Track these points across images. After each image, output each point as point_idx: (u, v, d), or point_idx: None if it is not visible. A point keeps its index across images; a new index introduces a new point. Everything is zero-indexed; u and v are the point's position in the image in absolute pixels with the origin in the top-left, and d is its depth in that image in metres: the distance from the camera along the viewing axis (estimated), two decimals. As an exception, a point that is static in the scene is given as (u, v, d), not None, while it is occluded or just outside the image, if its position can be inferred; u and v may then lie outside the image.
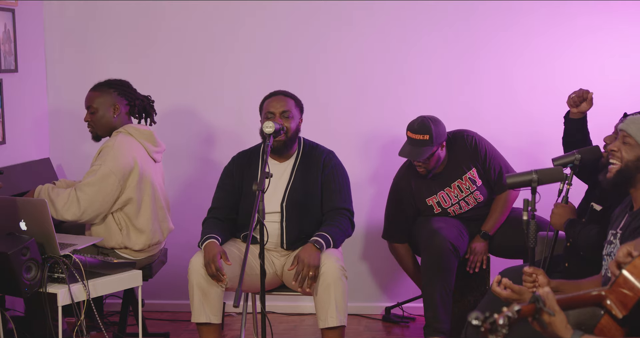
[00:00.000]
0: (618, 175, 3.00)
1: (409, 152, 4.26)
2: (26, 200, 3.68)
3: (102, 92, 4.12)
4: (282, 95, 3.98)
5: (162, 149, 4.23)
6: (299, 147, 4.02)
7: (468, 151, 4.35)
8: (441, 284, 4.17)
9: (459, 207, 4.41)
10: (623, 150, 2.98)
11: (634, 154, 2.96)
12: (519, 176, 3.39)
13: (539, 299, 2.39)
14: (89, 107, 4.13)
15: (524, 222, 3.27)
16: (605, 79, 4.74)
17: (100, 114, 4.10)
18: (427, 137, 4.21)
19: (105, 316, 4.70)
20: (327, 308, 3.69)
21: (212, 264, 3.63)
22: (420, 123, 4.24)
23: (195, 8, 4.94)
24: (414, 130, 4.23)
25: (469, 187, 4.38)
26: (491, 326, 2.23)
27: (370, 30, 4.88)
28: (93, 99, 4.12)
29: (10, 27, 4.56)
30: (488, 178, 4.38)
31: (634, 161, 2.96)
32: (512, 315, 2.29)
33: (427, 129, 4.21)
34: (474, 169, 4.37)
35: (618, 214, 3.11)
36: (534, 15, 4.78)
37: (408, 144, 4.28)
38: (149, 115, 4.27)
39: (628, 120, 3.00)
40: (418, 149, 4.23)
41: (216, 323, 3.75)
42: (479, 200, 4.41)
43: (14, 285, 3.41)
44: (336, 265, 3.69)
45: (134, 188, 4.00)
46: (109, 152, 3.96)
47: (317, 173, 3.95)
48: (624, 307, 2.48)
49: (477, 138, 4.40)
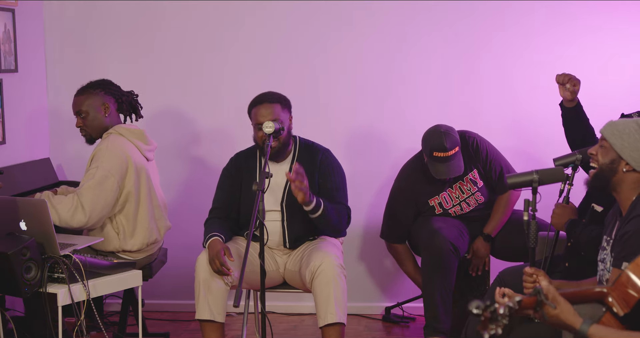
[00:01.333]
0: (595, 179, 3.04)
1: (448, 170, 4.19)
2: (26, 200, 3.68)
3: (89, 94, 4.12)
4: (267, 103, 3.88)
5: (153, 147, 4.23)
6: (295, 146, 4.01)
7: (469, 152, 4.35)
8: (441, 284, 4.17)
9: (460, 208, 4.40)
10: (599, 154, 3.01)
11: (608, 157, 2.99)
12: (519, 176, 3.38)
13: (540, 292, 2.39)
14: (78, 112, 4.12)
15: (525, 222, 3.27)
16: (605, 79, 4.75)
17: (92, 116, 4.10)
18: (458, 148, 4.19)
19: (105, 316, 4.70)
20: (326, 305, 3.69)
21: (216, 260, 3.65)
22: (446, 139, 4.15)
23: (195, 8, 4.94)
24: (445, 149, 4.14)
25: (470, 188, 4.38)
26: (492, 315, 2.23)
27: (370, 30, 4.88)
28: (81, 102, 4.11)
29: (10, 27, 4.56)
30: (489, 179, 4.37)
31: (608, 164, 2.98)
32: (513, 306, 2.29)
33: (455, 141, 4.18)
34: (475, 170, 4.36)
35: (610, 220, 3.12)
36: (534, 15, 4.78)
37: (440, 163, 4.19)
38: (135, 110, 4.27)
39: (607, 124, 3.03)
40: (455, 163, 4.20)
41: (220, 321, 3.76)
42: (480, 201, 4.40)
43: (14, 285, 3.41)
44: (335, 263, 3.70)
45: (131, 187, 4.00)
46: (103, 154, 3.96)
47: (314, 172, 3.95)
48: (626, 305, 2.48)
49: (479, 139, 4.39)
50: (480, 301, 2.23)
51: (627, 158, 2.95)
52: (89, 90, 4.13)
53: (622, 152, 2.95)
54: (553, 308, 2.40)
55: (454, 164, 4.20)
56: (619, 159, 2.96)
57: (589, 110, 4.09)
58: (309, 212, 3.78)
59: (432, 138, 4.20)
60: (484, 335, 2.24)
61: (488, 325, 2.24)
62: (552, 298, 2.41)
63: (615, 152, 2.96)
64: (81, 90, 4.16)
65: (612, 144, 2.97)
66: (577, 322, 2.42)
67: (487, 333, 2.24)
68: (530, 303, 2.38)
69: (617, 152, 2.96)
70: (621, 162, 2.96)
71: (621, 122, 3.00)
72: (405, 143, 4.84)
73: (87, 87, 4.16)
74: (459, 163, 4.23)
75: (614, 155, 2.97)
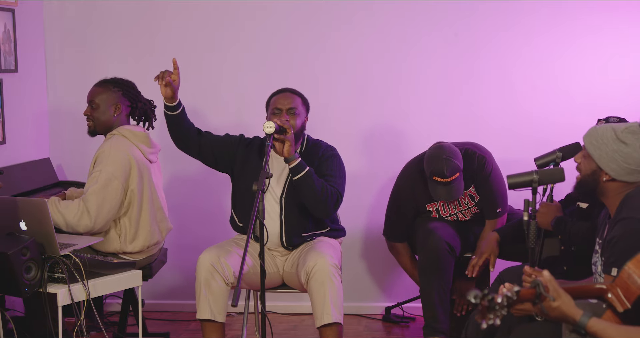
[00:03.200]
0: (578, 187, 3.07)
1: (446, 194, 4.18)
2: (26, 200, 3.68)
3: (106, 89, 4.10)
4: (289, 92, 4.01)
5: (157, 150, 4.22)
6: (302, 144, 4.03)
7: (472, 169, 4.30)
8: (438, 284, 4.16)
9: (456, 218, 4.41)
10: (582, 164, 3.02)
11: (590, 168, 2.99)
12: (519, 176, 3.39)
13: (539, 284, 2.39)
14: (91, 102, 4.10)
15: (524, 222, 3.27)
16: (605, 79, 4.74)
17: (101, 110, 4.09)
18: (459, 174, 4.16)
19: (105, 316, 4.70)
20: (322, 306, 3.70)
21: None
22: (447, 166, 4.11)
23: (195, 8, 4.94)
24: (445, 175, 4.12)
25: (468, 202, 4.38)
26: (489, 303, 2.23)
27: (370, 30, 4.88)
28: (97, 94, 4.10)
29: (10, 27, 4.56)
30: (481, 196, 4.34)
31: (589, 175, 2.99)
32: (511, 296, 2.29)
33: (456, 167, 4.14)
34: (474, 186, 4.35)
35: (601, 222, 3.12)
36: (534, 15, 4.78)
37: (439, 185, 4.17)
38: (149, 120, 4.26)
39: (588, 132, 3.02)
40: (455, 187, 4.17)
41: (220, 321, 3.76)
42: (477, 213, 4.41)
43: (14, 285, 3.41)
44: (329, 263, 3.71)
45: (135, 187, 4.00)
46: (106, 157, 3.94)
47: (315, 164, 3.95)
48: (626, 302, 2.49)
49: (488, 158, 4.33)
50: (478, 291, 2.24)
51: (605, 168, 2.95)
52: (108, 86, 4.11)
53: (600, 163, 2.95)
54: (552, 300, 2.41)
55: (454, 187, 4.18)
56: (599, 170, 2.96)
57: (589, 110, 4.10)
58: (291, 172, 3.77)
59: (434, 162, 4.16)
60: (481, 325, 2.25)
61: (486, 314, 2.24)
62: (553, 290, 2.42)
63: (594, 162, 2.96)
64: (102, 82, 4.14)
65: (591, 154, 2.97)
66: (577, 314, 2.43)
67: (485, 323, 2.24)
68: (529, 295, 2.38)
69: (596, 162, 2.96)
70: (601, 173, 2.96)
71: (600, 129, 2.99)
72: (405, 143, 4.84)
73: (109, 82, 4.14)
74: (459, 186, 4.20)
75: (594, 165, 2.97)
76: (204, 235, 4.83)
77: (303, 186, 3.79)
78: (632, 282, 2.48)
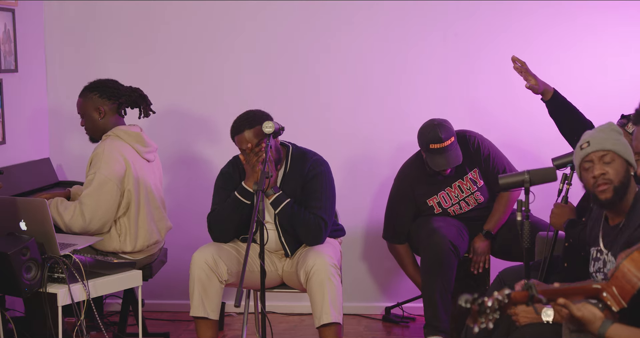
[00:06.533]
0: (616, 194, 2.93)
1: (446, 161, 4.20)
2: (26, 200, 3.68)
3: (84, 98, 4.16)
4: (246, 131, 3.81)
5: (154, 149, 4.22)
6: (287, 157, 3.96)
7: (470, 152, 4.35)
8: (441, 283, 4.17)
9: (459, 207, 4.40)
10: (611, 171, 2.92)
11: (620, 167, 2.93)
12: (511, 177, 3.40)
13: (532, 286, 2.39)
14: (79, 113, 4.19)
15: (518, 222, 3.27)
16: (605, 79, 4.75)
17: (88, 118, 4.15)
18: (454, 138, 4.20)
19: (105, 316, 4.70)
20: (321, 306, 3.70)
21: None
22: (440, 130, 4.17)
23: (196, 8, 4.94)
24: (440, 140, 4.16)
25: (470, 187, 4.38)
26: (480, 307, 2.23)
27: (370, 30, 4.88)
28: (80, 105, 4.18)
29: (10, 27, 4.56)
30: (492, 178, 4.35)
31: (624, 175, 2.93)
32: (502, 299, 2.29)
33: (450, 131, 4.20)
34: (476, 170, 4.36)
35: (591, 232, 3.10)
36: (534, 15, 4.78)
37: (437, 155, 4.20)
38: (141, 106, 4.22)
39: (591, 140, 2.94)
40: (453, 153, 4.21)
41: (213, 319, 3.78)
42: (480, 201, 4.40)
43: (14, 285, 3.41)
44: (327, 263, 3.70)
45: (131, 188, 4.00)
46: (100, 159, 3.96)
47: (302, 183, 3.93)
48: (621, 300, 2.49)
49: (480, 138, 4.40)
50: (469, 295, 2.24)
51: (631, 160, 2.94)
52: (85, 93, 4.17)
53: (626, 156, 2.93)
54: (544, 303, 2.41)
55: (452, 154, 4.21)
56: (629, 165, 2.95)
57: (589, 110, 4.10)
58: (272, 205, 3.80)
59: (427, 131, 4.22)
60: (473, 329, 2.25)
61: (477, 318, 2.24)
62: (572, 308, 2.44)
63: (621, 158, 2.94)
64: (82, 91, 4.19)
65: (616, 151, 2.93)
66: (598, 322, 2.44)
67: (477, 327, 2.24)
68: (521, 297, 2.38)
69: (623, 157, 2.93)
70: (630, 168, 2.95)
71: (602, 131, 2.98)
72: (405, 143, 4.83)
73: (85, 90, 4.18)
74: (457, 152, 4.23)
75: (624, 163, 2.94)
76: (204, 235, 4.80)
77: (284, 217, 3.83)
78: (628, 280, 2.48)
